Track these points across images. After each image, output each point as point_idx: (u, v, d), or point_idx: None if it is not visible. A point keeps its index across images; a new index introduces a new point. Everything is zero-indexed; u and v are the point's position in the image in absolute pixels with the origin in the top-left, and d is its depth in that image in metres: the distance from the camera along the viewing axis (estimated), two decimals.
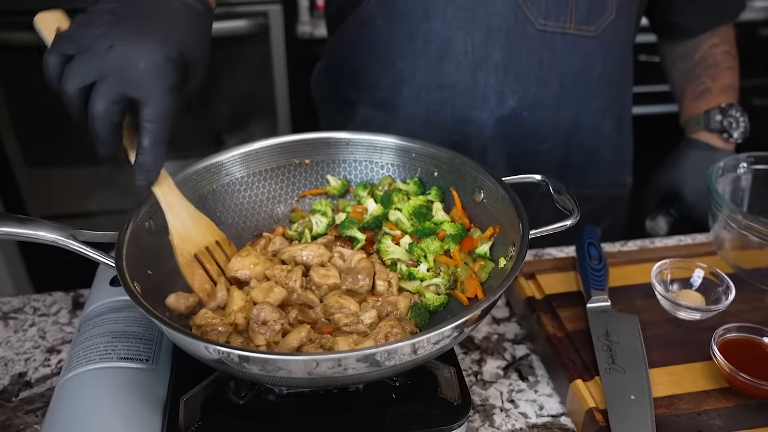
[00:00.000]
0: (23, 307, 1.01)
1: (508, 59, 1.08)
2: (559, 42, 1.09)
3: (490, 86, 1.10)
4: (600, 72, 1.14)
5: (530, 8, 1.05)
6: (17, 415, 0.83)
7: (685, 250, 1.06)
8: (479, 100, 1.11)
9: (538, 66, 1.09)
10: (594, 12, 1.08)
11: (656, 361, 0.84)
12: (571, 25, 1.07)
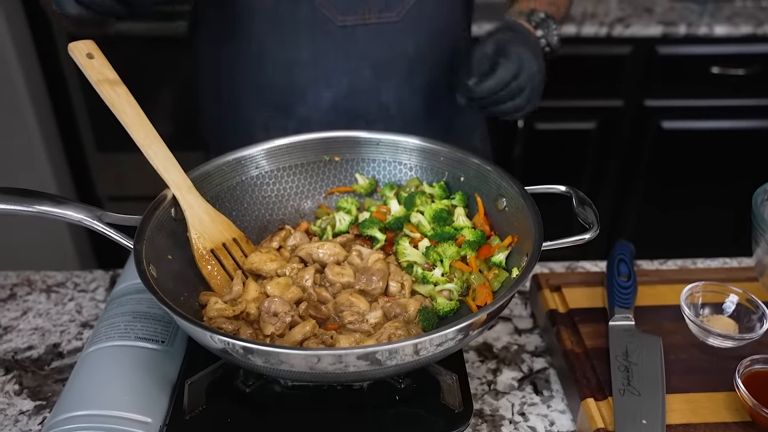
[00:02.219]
0: (65, 282, 1.07)
1: (316, 56, 1.11)
2: (361, 33, 1.10)
3: (305, 82, 1.13)
4: (414, 53, 1.13)
5: (328, 8, 1.07)
6: (47, 382, 0.89)
7: (725, 273, 1.01)
8: (299, 96, 1.14)
9: (345, 58, 1.11)
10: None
11: (675, 387, 0.81)
12: (371, 16, 1.08)
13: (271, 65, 1.13)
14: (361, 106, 1.15)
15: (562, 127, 2.24)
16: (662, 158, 2.29)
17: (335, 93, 1.14)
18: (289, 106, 1.15)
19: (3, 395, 0.86)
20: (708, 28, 2.12)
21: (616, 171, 2.33)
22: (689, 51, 2.17)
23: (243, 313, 0.77)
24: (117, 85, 0.81)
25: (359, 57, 1.12)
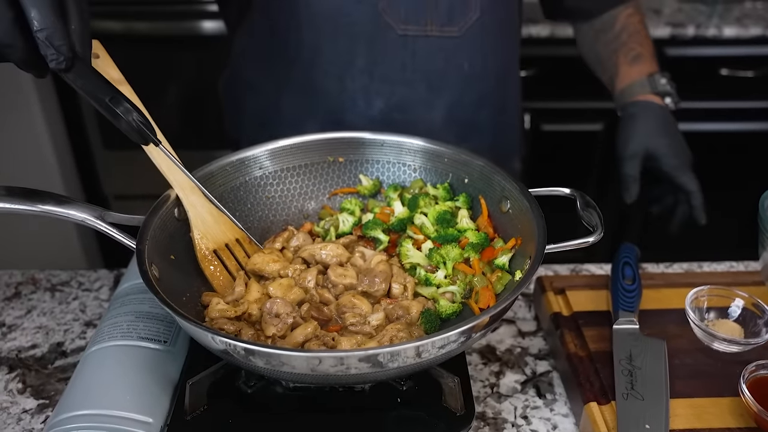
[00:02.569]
0: (70, 281, 1.07)
1: (371, 64, 1.11)
2: (421, 45, 1.09)
3: (357, 91, 1.13)
4: (469, 69, 1.14)
5: (390, 15, 1.06)
6: (50, 381, 0.89)
7: (731, 277, 1.00)
8: (349, 105, 1.14)
9: (401, 69, 1.11)
10: (455, 12, 1.08)
11: (680, 392, 0.80)
12: (433, 28, 1.08)
13: (324, 71, 1.12)
14: (410, 118, 1.15)
15: (569, 128, 2.24)
16: None
17: (386, 103, 1.14)
18: (337, 113, 1.15)
19: (6, 393, 0.87)
20: (717, 30, 2.11)
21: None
22: (698, 53, 2.16)
23: (245, 314, 0.77)
24: (121, 85, 0.81)
25: (415, 69, 1.12)
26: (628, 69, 1.23)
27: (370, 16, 1.07)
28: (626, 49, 1.23)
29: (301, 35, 1.10)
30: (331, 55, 1.11)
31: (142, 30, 2.16)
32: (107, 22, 2.16)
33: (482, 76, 1.17)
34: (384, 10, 1.06)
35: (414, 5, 1.06)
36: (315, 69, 1.12)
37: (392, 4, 1.06)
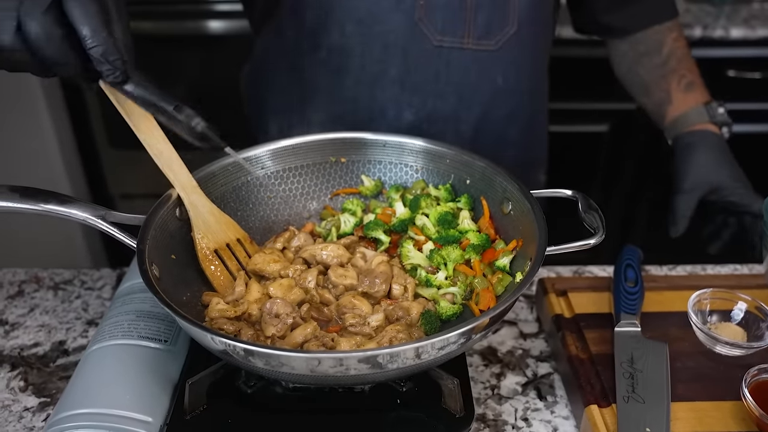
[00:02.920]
0: (72, 279, 1.07)
1: (404, 74, 1.09)
2: (456, 57, 1.08)
3: (387, 100, 1.11)
4: (502, 84, 1.13)
5: (427, 25, 1.04)
6: (52, 379, 0.89)
7: (735, 280, 1.00)
8: (378, 113, 1.12)
9: (434, 80, 1.09)
10: (493, 26, 1.07)
11: (681, 395, 0.80)
12: (470, 41, 1.07)
13: (355, 77, 1.10)
14: (439, 131, 1.14)
15: (575, 129, 2.23)
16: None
17: (416, 115, 1.12)
18: (366, 122, 1.13)
19: (8, 391, 0.87)
20: (724, 31, 2.09)
21: (629, 174, 2.31)
22: (704, 54, 2.14)
23: (245, 314, 0.77)
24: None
25: (448, 81, 1.10)
26: (683, 97, 1.19)
27: (406, 25, 1.05)
28: (677, 75, 1.20)
29: (332, 38, 1.08)
30: (363, 62, 1.09)
31: (148, 29, 2.16)
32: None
33: (514, 91, 1.15)
34: (421, 19, 1.04)
35: (452, 17, 1.05)
36: (345, 74, 1.10)
37: (429, 15, 1.05)
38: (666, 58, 1.21)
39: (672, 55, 1.21)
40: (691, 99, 1.19)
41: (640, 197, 2.35)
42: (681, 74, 1.20)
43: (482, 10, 1.05)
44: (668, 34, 1.21)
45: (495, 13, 1.06)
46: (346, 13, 1.06)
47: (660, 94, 1.22)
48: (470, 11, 1.05)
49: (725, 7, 2.26)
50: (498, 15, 1.06)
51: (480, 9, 1.05)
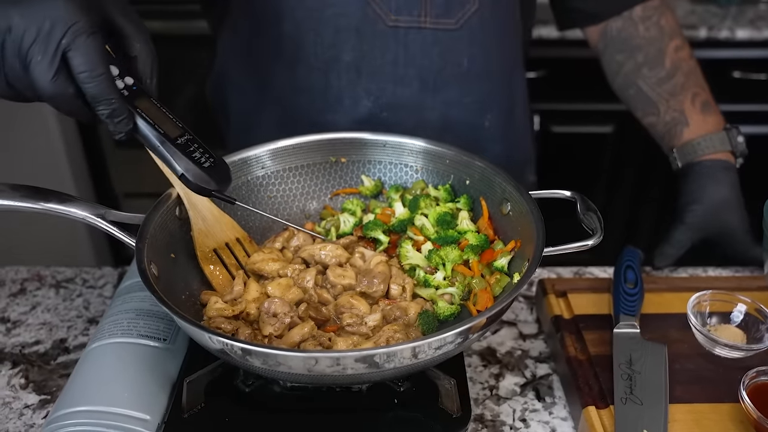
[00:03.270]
0: (74, 277, 1.08)
1: (359, 59, 1.03)
2: (414, 37, 1.01)
3: (343, 88, 1.05)
4: (468, 66, 1.06)
5: (380, 4, 0.98)
6: (52, 377, 0.90)
7: (736, 282, 0.99)
8: (334, 102, 1.06)
9: (393, 63, 1.03)
10: (452, 3, 1.00)
11: (679, 397, 0.80)
12: (427, 19, 1.00)
13: (308, 67, 1.05)
14: (401, 120, 1.08)
15: (579, 130, 2.23)
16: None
17: (375, 102, 1.06)
18: (323, 114, 1.08)
19: (9, 389, 0.88)
20: (729, 32, 2.09)
21: (633, 175, 2.30)
22: (710, 55, 2.14)
23: (243, 313, 0.77)
24: None
25: (407, 64, 1.04)
26: (702, 119, 1.10)
27: (357, 6, 0.99)
28: (689, 93, 1.11)
29: (282, 28, 1.03)
30: (314, 49, 1.03)
31: (155, 29, 2.17)
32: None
33: (484, 75, 1.09)
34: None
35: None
36: (299, 65, 1.05)
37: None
38: (671, 72, 1.12)
39: (677, 69, 1.12)
40: (711, 122, 1.11)
41: (644, 199, 2.34)
42: (694, 92, 1.12)
43: None
44: (668, 42, 1.13)
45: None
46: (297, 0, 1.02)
47: (671, 113, 1.12)
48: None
49: (731, 8, 2.25)
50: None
51: None
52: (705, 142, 1.09)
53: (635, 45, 1.14)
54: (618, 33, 1.15)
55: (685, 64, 1.13)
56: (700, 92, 1.12)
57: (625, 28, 1.14)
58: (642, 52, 1.14)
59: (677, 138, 1.12)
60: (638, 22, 1.13)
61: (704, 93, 1.13)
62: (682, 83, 1.12)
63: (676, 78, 1.12)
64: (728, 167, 1.08)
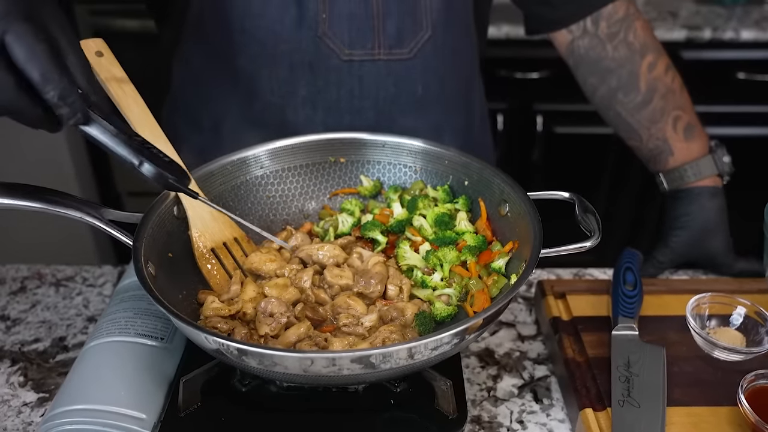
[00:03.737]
0: (74, 276, 1.08)
1: (315, 93, 1.03)
2: (368, 69, 1.01)
3: (299, 123, 1.05)
4: (423, 93, 1.05)
5: (332, 39, 0.98)
6: (51, 375, 0.90)
7: (736, 284, 0.99)
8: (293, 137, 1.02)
9: (349, 97, 1.03)
10: (405, 33, 1.00)
11: (677, 399, 0.79)
12: (380, 51, 1.00)
13: (264, 102, 1.04)
14: None
15: (582, 131, 2.22)
16: None
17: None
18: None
19: (8, 386, 0.88)
20: (734, 33, 2.08)
21: (636, 177, 2.30)
22: (714, 56, 2.13)
23: (239, 312, 0.77)
24: (124, 83, 0.82)
25: (363, 96, 1.04)
26: (685, 146, 1.08)
27: (310, 42, 0.99)
28: (670, 118, 1.08)
29: (236, 63, 1.02)
30: (269, 85, 1.03)
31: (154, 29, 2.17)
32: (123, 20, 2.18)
33: (439, 101, 1.09)
34: (325, 33, 0.98)
35: (358, 27, 0.99)
36: (254, 100, 1.04)
37: (333, 28, 0.98)
38: (647, 96, 1.08)
39: (654, 92, 1.08)
40: (695, 148, 1.08)
41: (648, 200, 2.33)
42: (675, 116, 1.08)
43: (391, 17, 0.99)
44: (639, 62, 1.08)
45: (405, 19, 1.00)
46: (248, 34, 1.00)
47: (654, 141, 1.10)
48: (377, 19, 0.99)
49: (736, 9, 2.24)
50: (408, 20, 1.00)
51: (388, 16, 0.99)
52: (691, 170, 1.08)
53: (606, 67, 1.10)
54: (586, 52, 1.11)
55: (661, 84, 1.08)
56: (681, 115, 1.08)
57: (592, 47, 1.10)
58: (614, 76, 1.10)
59: (662, 164, 1.11)
60: (605, 40, 1.08)
61: (686, 114, 1.09)
62: (662, 107, 1.08)
63: (654, 102, 1.08)
64: (715, 192, 1.07)
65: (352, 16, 0.98)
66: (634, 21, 1.08)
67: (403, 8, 0.99)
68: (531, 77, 2.15)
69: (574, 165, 2.30)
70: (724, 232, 1.07)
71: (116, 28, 2.18)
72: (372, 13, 0.98)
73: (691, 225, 1.06)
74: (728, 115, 2.19)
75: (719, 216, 1.07)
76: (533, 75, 2.15)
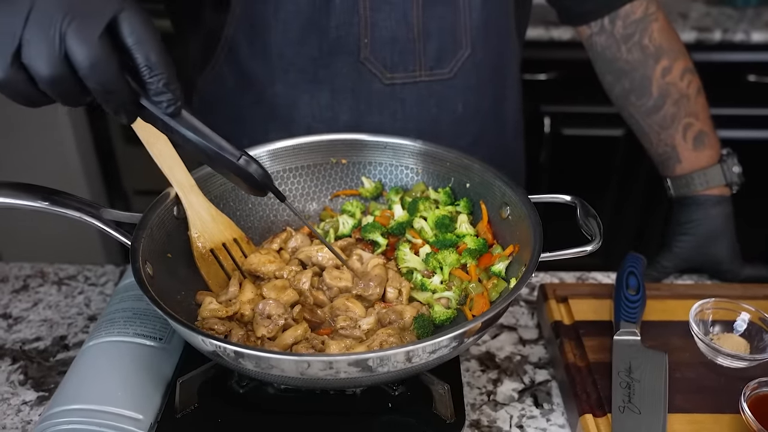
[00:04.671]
0: (77, 275, 1.08)
1: (357, 118, 1.02)
2: (410, 92, 1.01)
3: None
4: (462, 111, 1.06)
5: (374, 63, 0.98)
6: (51, 374, 0.90)
7: (741, 290, 0.98)
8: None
9: (391, 120, 1.03)
10: (445, 52, 1.00)
11: (679, 406, 0.79)
12: (421, 73, 1.00)
13: (305, 127, 1.04)
14: None
15: (590, 133, 2.21)
16: None
17: None
18: None
19: (8, 385, 0.88)
20: (745, 35, 2.06)
21: (644, 180, 2.28)
22: (724, 58, 2.11)
23: (237, 314, 0.77)
24: None
25: (405, 119, 1.04)
26: (694, 155, 1.07)
27: (352, 67, 0.99)
28: (681, 125, 1.06)
29: (276, 88, 1.02)
30: (311, 110, 1.03)
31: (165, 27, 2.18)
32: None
33: (476, 117, 1.09)
34: (367, 58, 0.98)
35: (400, 51, 0.99)
36: (294, 125, 1.04)
37: (375, 53, 0.98)
38: (659, 102, 1.07)
39: (666, 97, 1.06)
40: (704, 157, 1.07)
41: (657, 202, 2.31)
42: (686, 123, 1.06)
43: (431, 38, 0.99)
44: (653, 66, 1.06)
45: (445, 39, 1.00)
46: (288, 61, 0.99)
47: (663, 147, 1.09)
48: (418, 42, 0.99)
49: (747, 11, 2.22)
50: (449, 40, 1.00)
51: (429, 38, 0.99)
52: (699, 179, 1.07)
53: (619, 69, 1.10)
54: (603, 50, 1.10)
55: (675, 89, 1.07)
56: (692, 122, 1.07)
57: (608, 46, 1.09)
58: (627, 78, 1.09)
59: (670, 170, 1.11)
60: (620, 41, 1.07)
61: (698, 122, 1.07)
62: (673, 113, 1.07)
63: (665, 108, 1.07)
64: (721, 201, 1.06)
65: (393, 40, 0.99)
66: (651, 23, 1.07)
67: (443, 28, 1.00)
68: (539, 79, 2.14)
69: (581, 167, 2.28)
70: (729, 239, 1.06)
71: None
72: (413, 36, 0.99)
73: (695, 232, 1.06)
74: (738, 118, 2.17)
75: (725, 223, 1.06)
76: (541, 76, 2.13)
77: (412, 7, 0.98)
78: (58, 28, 0.53)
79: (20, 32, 0.54)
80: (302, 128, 1.04)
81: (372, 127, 1.04)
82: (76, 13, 0.54)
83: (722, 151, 1.09)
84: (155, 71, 0.57)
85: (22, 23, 0.54)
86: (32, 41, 0.54)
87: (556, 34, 2.06)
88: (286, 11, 0.97)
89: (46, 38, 0.54)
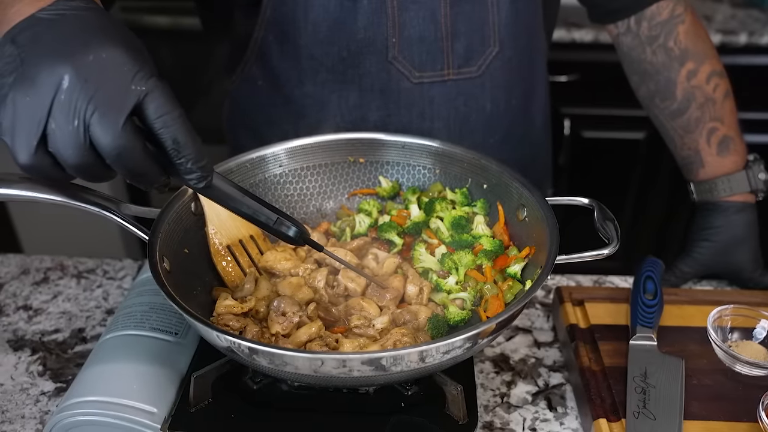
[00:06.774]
0: (95, 269, 1.10)
1: (385, 117, 1.03)
2: (438, 91, 1.01)
3: None
4: (491, 109, 1.05)
5: (402, 63, 0.98)
6: (69, 366, 0.91)
7: (762, 296, 0.96)
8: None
9: (420, 119, 1.03)
10: (473, 51, 1.00)
11: (695, 413, 0.78)
12: (449, 72, 1.00)
13: (334, 126, 1.05)
14: None
15: (610, 136, 2.19)
16: None
17: None
18: None
19: (27, 375, 0.89)
20: None
21: (666, 183, 2.25)
22: (750, 61, 2.08)
23: (252, 310, 0.77)
24: None
25: (434, 117, 1.04)
26: (718, 160, 1.05)
27: (380, 66, 1.00)
28: (705, 129, 1.05)
29: (305, 88, 1.03)
30: (340, 110, 1.04)
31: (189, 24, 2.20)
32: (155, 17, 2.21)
33: (505, 114, 1.09)
34: (395, 58, 0.99)
35: (428, 50, 0.99)
36: (324, 125, 1.05)
37: (404, 52, 0.99)
38: (683, 105, 1.06)
39: (691, 101, 1.05)
40: (729, 163, 1.05)
41: (677, 207, 2.29)
42: (710, 128, 1.05)
43: (459, 37, 1.00)
44: (678, 69, 1.05)
45: (473, 37, 1.00)
46: (318, 62, 1.00)
47: (686, 150, 1.08)
48: (446, 40, 0.99)
49: None
50: (476, 38, 1.00)
51: (457, 36, 0.99)
52: (722, 184, 1.05)
53: (644, 70, 1.09)
54: (629, 51, 1.10)
55: (700, 93, 1.05)
56: (717, 127, 1.05)
57: (634, 47, 1.09)
58: (652, 81, 1.08)
59: (693, 175, 1.10)
60: (645, 43, 1.07)
61: (723, 126, 1.05)
62: (697, 117, 1.05)
63: (689, 112, 1.06)
64: (745, 208, 1.04)
65: (422, 39, 0.99)
66: (677, 25, 1.05)
67: (471, 26, 1.00)
68: (559, 80, 2.12)
69: (601, 169, 2.26)
70: (751, 247, 1.05)
71: (147, 24, 2.20)
72: (441, 35, 0.99)
73: (716, 238, 1.04)
74: (763, 122, 2.14)
75: (747, 231, 1.04)
76: (561, 78, 2.12)
77: (440, 6, 0.98)
78: (82, 117, 0.53)
79: (45, 120, 0.53)
80: (331, 128, 1.05)
81: (400, 127, 1.05)
82: (100, 101, 0.53)
83: (749, 156, 1.07)
84: (183, 152, 0.57)
85: (47, 111, 0.53)
86: (57, 131, 0.53)
87: (577, 35, 2.04)
88: (315, 12, 0.98)
89: (71, 129, 0.53)
